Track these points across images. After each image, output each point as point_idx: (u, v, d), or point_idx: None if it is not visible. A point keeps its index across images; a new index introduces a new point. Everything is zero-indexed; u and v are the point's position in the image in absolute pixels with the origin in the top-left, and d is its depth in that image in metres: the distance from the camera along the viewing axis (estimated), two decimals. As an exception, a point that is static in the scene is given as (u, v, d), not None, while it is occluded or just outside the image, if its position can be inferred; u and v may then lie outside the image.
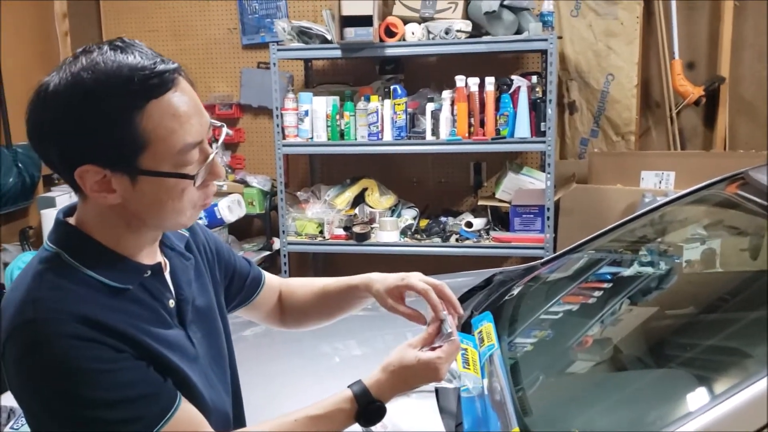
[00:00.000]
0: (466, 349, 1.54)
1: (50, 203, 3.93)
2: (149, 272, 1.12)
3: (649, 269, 2.15)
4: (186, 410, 1.10)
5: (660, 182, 3.64)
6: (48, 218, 3.78)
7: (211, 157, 1.08)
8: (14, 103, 3.92)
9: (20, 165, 3.87)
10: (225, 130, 1.14)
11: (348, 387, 1.21)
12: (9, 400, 2.30)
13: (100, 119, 0.99)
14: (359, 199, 3.87)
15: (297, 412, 1.17)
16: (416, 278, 1.35)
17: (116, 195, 1.03)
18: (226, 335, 1.32)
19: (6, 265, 3.73)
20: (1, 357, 1.04)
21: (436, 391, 1.64)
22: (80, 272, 1.05)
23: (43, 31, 4.24)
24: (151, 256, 1.16)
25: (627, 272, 2.17)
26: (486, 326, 1.73)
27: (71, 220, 1.11)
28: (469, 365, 1.51)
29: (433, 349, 1.25)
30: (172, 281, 1.18)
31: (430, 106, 3.55)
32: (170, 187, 1.04)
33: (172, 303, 1.16)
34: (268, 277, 1.52)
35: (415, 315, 1.34)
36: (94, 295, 1.04)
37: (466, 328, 1.89)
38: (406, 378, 1.21)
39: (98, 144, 1.00)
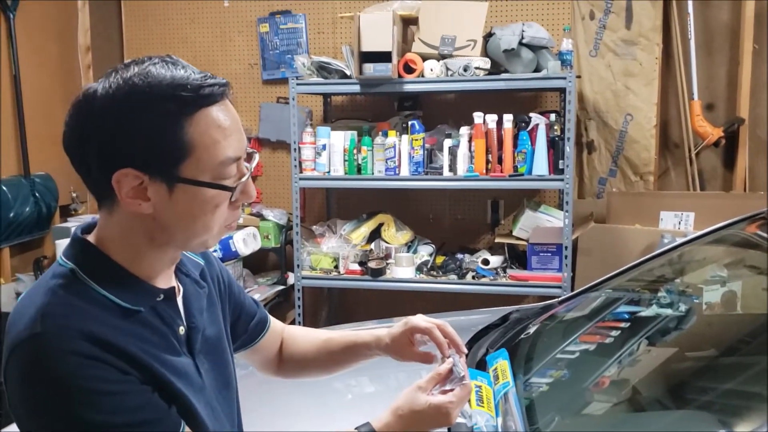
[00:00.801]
0: (480, 386, 1.51)
1: (66, 234, 3.94)
2: (162, 296, 1.10)
3: (667, 310, 2.11)
4: None
5: (679, 223, 3.60)
6: (63, 249, 3.79)
7: (246, 175, 1.08)
8: (34, 134, 3.96)
9: (37, 194, 3.90)
10: (257, 156, 1.14)
11: (356, 429, 1.18)
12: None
13: (149, 123, 0.99)
14: (375, 235, 3.86)
15: None
16: (419, 319, 1.35)
17: (150, 204, 1.02)
18: (232, 369, 1.30)
19: (19, 294, 3.74)
20: (3, 372, 1.01)
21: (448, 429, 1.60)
22: (93, 290, 1.03)
23: (65, 64, 4.31)
24: (166, 280, 1.14)
25: (645, 312, 2.13)
26: (501, 363, 1.70)
27: (89, 237, 1.10)
28: (483, 403, 1.48)
29: (444, 392, 1.23)
30: (184, 308, 1.16)
31: (447, 142, 3.55)
32: (206, 199, 1.04)
33: (182, 330, 1.14)
34: (273, 322, 1.49)
35: (428, 356, 1.34)
36: (104, 314, 1.02)
37: (480, 365, 1.86)
38: (416, 422, 1.20)
39: (144, 148, 1.00)
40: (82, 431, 0.97)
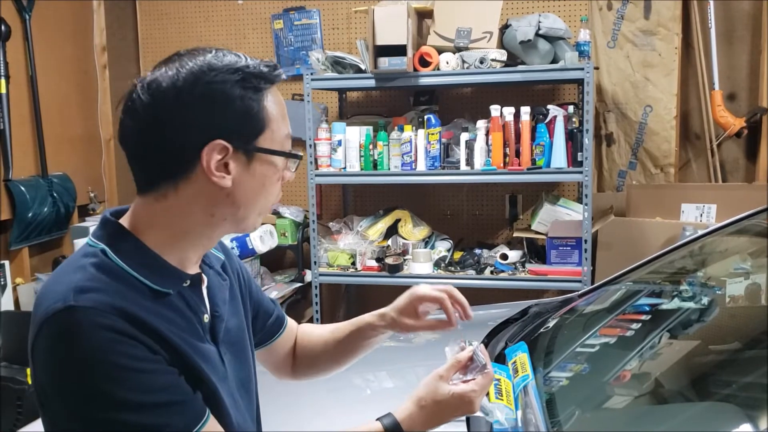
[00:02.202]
0: (499, 380, 1.48)
1: (84, 233, 3.96)
2: (189, 282, 1.12)
3: (689, 302, 2.07)
4: (213, 427, 1.06)
5: (701, 215, 3.54)
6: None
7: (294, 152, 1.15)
8: (51, 134, 3.98)
9: (55, 195, 3.91)
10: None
11: (377, 419, 1.17)
12: (37, 426, 2.28)
13: (238, 95, 1.05)
14: (392, 231, 3.83)
15: None
16: (425, 288, 1.34)
17: (230, 178, 1.06)
18: (253, 364, 1.29)
19: (39, 293, 3.75)
20: (31, 346, 1.02)
21: (467, 420, 1.57)
22: (122, 270, 1.04)
23: (81, 65, 4.32)
24: (193, 268, 1.15)
25: (667, 305, 2.09)
26: (521, 356, 1.67)
27: (120, 221, 1.11)
28: (501, 396, 1.45)
29: (466, 381, 1.21)
30: (208, 297, 1.17)
31: (464, 136, 3.52)
32: (276, 170, 1.11)
33: (206, 318, 1.15)
34: (290, 322, 1.48)
35: (439, 324, 1.32)
36: (134, 294, 1.03)
37: (499, 358, 1.83)
38: (439, 412, 1.19)
39: (232, 120, 1.05)
40: (107, 407, 0.97)
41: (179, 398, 1.02)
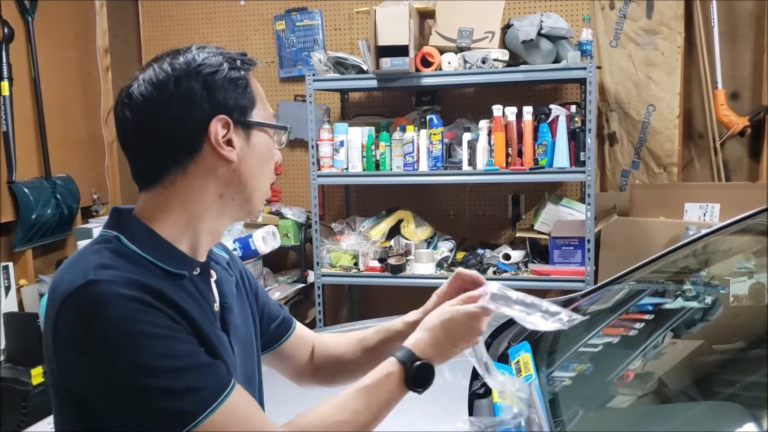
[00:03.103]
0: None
1: (87, 234, 3.96)
2: (199, 270, 1.16)
3: (693, 302, 2.07)
4: (242, 394, 1.08)
5: (704, 214, 3.53)
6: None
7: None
8: (54, 136, 3.98)
9: (59, 196, 3.92)
10: None
11: (393, 356, 1.17)
12: (41, 427, 2.28)
13: (230, 75, 1.14)
14: (395, 231, 3.83)
15: (347, 388, 1.14)
16: (464, 269, 1.35)
17: (234, 151, 1.13)
18: (258, 362, 1.31)
19: (42, 295, 3.76)
20: (53, 324, 1.04)
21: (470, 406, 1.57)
22: (137, 254, 1.09)
23: (84, 66, 4.33)
24: (202, 259, 1.19)
25: (670, 304, 2.09)
26: (523, 356, 1.67)
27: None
28: (504, 396, 1.45)
29: None
30: (217, 289, 1.21)
31: (466, 136, 3.52)
32: (271, 143, 1.20)
33: (216, 307, 1.19)
34: (300, 328, 1.48)
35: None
36: (150, 275, 1.07)
37: (502, 358, 1.83)
38: (447, 331, 1.18)
39: (230, 95, 1.13)
40: (135, 374, 0.99)
41: (203, 362, 1.05)
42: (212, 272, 1.22)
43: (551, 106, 3.51)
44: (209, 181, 1.13)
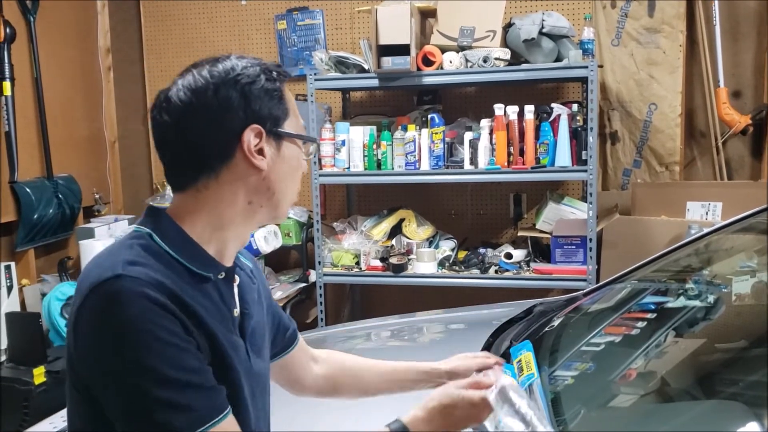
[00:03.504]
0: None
1: (89, 234, 3.97)
2: (224, 274, 1.19)
3: (695, 300, 2.06)
4: (232, 423, 1.09)
5: (707, 213, 3.53)
6: (86, 249, 3.81)
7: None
8: (56, 136, 3.99)
9: (61, 196, 3.92)
10: None
11: (386, 426, 1.18)
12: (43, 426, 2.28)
13: (265, 86, 1.17)
14: (396, 230, 3.82)
15: None
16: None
17: (265, 160, 1.16)
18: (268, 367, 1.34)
19: (44, 295, 3.76)
20: (76, 312, 1.07)
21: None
22: (166, 253, 1.13)
23: (86, 66, 4.34)
24: (228, 263, 1.22)
25: (672, 303, 2.08)
26: (525, 355, 1.67)
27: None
28: None
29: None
30: (238, 295, 1.24)
31: (468, 135, 3.51)
32: (300, 154, 1.22)
33: (236, 312, 1.21)
34: (301, 341, 1.52)
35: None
36: (176, 276, 1.10)
37: (504, 357, 1.82)
38: (447, 414, 1.19)
39: (264, 105, 1.16)
40: (138, 374, 1.02)
41: (207, 384, 1.07)
42: (236, 277, 1.25)
43: (553, 105, 3.51)
44: (239, 187, 1.16)
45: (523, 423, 1.17)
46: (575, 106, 3.52)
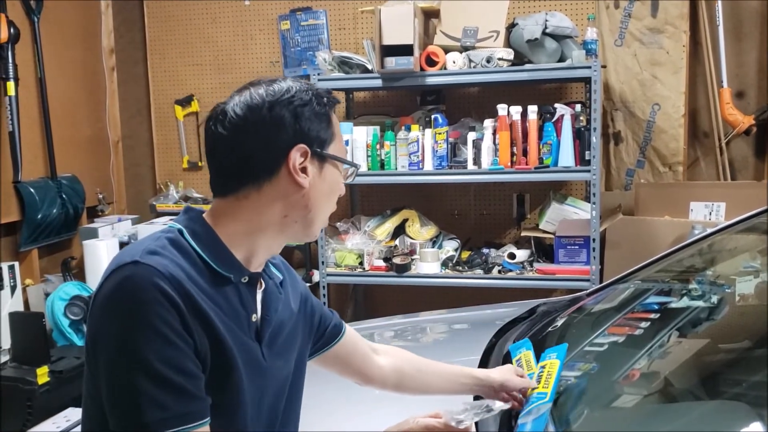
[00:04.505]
0: (545, 365, 1.54)
1: (93, 234, 3.97)
2: (247, 278, 1.23)
3: (698, 301, 2.06)
4: None
5: (710, 214, 3.53)
6: (90, 249, 3.82)
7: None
8: (59, 136, 3.99)
9: (64, 196, 3.92)
10: None
11: None
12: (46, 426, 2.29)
13: (316, 109, 1.23)
14: (399, 230, 3.83)
15: None
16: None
17: (307, 179, 1.22)
18: (295, 391, 1.39)
19: (47, 295, 3.76)
20: (95, 296, 1.13)
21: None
22: (192, 250, 1.18)
23: (89, 67, 4.34)
24: (255, 269, 1.26)
25: (675, 303, 2.08)
26: (525, 354, 1.67)
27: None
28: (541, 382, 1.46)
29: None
30: (262, 300, 1.28)
31: (471, 136, 3.51)
32: (340, 178, 1.29)
33: (255, 318, 1.25)
34: (350, 333, 1.56)
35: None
36: (195, 273, 1.15)
37: (505, 357, 1.82)
38: None
39: (313, 127, 1.23)
40: (130, 361, 1.06)
41: (191, 389, 1.09)
42: (262, 282, 1.29)
43: (556, 105, 3.51)
44: (279, 200, 1.22)
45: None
46: (578, 107, 3.52)
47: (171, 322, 1.08)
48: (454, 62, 3.48)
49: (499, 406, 1.49)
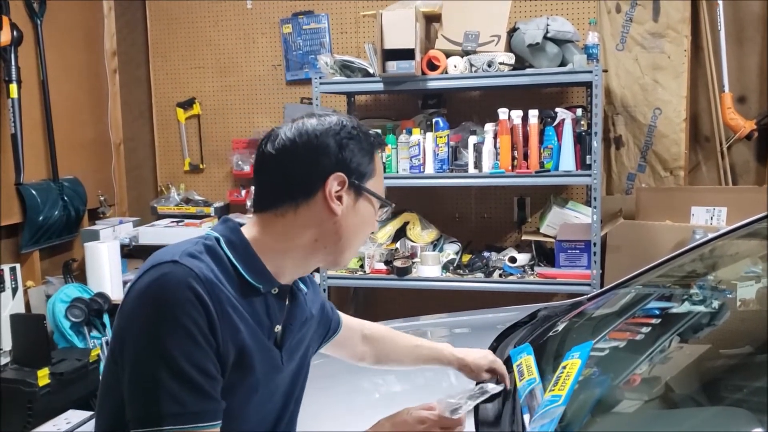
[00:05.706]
0: (565, 366, 1.54)
1: (94, 236, 3.98)
2: (277, 290, 1.30)
3: (700, 306, 2.06)
4: None
5: (711, 218, 3.53)
6: (91, 251, 3.82)
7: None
8: (62, 138, 4.00)
9: (66, 198, 3.93)
10: None
11: None
12: (47, 428, 2.29)
13: (362, 148, 1.31)
14: (400, 234, 3.83)
15: None
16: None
17: (341, 207, 1.28)
18: (301, 389, 1.45)
19: (48, 297, 3.77)
20: (129, 288, 1.19)
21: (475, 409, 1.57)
22: (227, 259, 1.24)
23: (92, 69, 4.35)
24: (285, 282, 1.33)
25: (677, 308, 2.08)
26: (526, 359, 1.67)
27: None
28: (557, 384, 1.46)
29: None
30: (288, 312, 1.34)
31: (472, 139, 3.52)
32: (373, 213, 1.35)
33: (278, 329, 1.31)
34: (345, 319, 1.70)
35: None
36: (227, 281, 1.21)
37: (505, 362, 1.82)
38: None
39: (354, 160, 1.29)
40: (157, 355, 1.11)
41: (210, 391, 1.14)
42: (291, 295, 1.35)
43: (557, 109, 3.51)
44: (312, 224, 1.28)
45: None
46: (579, 111, 3.52)
47: (200, 323, 1.13)
48: (455, 66, 3.49)
49: (492, 387, 1.57)
